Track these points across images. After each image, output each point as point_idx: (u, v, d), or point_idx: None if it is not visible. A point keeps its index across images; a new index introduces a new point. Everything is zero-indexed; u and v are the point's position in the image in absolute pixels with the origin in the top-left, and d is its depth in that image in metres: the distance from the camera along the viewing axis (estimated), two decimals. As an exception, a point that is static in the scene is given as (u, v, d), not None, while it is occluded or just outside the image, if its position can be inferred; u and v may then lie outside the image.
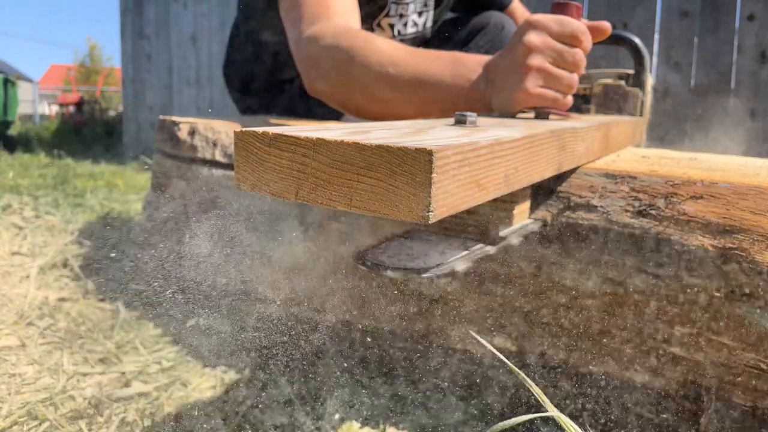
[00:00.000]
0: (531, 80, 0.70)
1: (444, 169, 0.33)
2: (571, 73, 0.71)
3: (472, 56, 0.82)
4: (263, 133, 0.37)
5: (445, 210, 0.34)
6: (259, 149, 0.37)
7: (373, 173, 0.33)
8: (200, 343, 0.89)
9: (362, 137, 0.35)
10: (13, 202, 1.70)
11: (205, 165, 1.01)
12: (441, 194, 0.33)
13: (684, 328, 0.58)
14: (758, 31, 2.20)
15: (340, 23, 0.90)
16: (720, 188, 0.58)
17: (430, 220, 0.32)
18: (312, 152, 0.35)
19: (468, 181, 0.36)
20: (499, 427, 0.44)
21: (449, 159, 0.33)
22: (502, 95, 0.73)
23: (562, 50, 0.70)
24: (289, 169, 0.36)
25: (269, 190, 0.37)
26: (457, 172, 0.35)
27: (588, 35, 0.72)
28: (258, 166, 0.38)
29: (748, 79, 2.23)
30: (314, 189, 0.35)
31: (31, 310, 0.97)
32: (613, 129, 0.76)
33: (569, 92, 0.72)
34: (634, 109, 0.98)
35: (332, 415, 0.69)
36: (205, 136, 1.02)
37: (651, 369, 0.61)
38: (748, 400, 0.55)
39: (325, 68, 0.88)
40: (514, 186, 0.44)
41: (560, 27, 0.71)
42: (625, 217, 0.60)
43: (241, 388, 0.76)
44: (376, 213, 0.34)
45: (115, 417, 0.69)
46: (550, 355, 0.66)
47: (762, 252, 0.53)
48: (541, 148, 0.49)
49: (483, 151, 0.38)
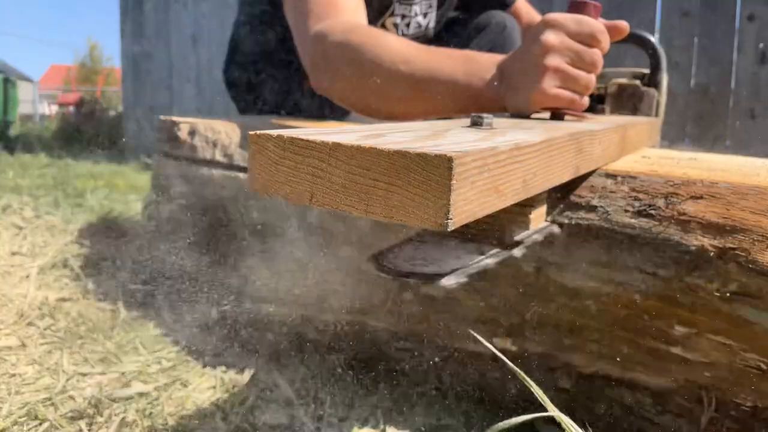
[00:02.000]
0: (548, 81, 0.68)
1: (463, 176, 0.32)
2: (588, 74, 0.70)
3: (486, 55, 0.80)
4: (278, 137, 0.36)
5: (465, 217, 0.33)
6: (273, 152, 0.36)
7: (391, 179, 0.33)
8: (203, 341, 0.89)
9: (378, 141, 0.34)
10: (13, 202, 1.70)
11: (205, 165, 1.01)
12: (460, 201, 0.32)
13: (684, 328, 0.57)
14: (758, 31, 2.20)
15: (349, 20, 0.89)
16: (720, 188, 0.58)
17: (449, 227, 0.32)
18: (327, 156, 0.34)
19: (487, 187, 0.36)
20: (499, 427, 0.44)
21: (469, 165, 0.33)
22: (518, 95, 0.72)
23: (580, 50, 0.69)
24: (303, 173, 0.35)
25: (283, 195, 0.37)
26: (477, 178, 0.34)
27: (606, 35, 0.71)
28: (272, 169, 0.37)
29: (748, 79, 2.23)
30: (329, 194, 0.35)
31: (31, 310, 0.97)
32: (630, 130, 0.75)
33: (586, 93, 0.71)
34: (649, 110, 0.96)
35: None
36: (205, 136, 1.02)
37: (650, 369, 0.61)
38: (748, 401, 0.55)
39: (333, 65, 0.86)
40: (532, 191, 0.43)
41: (578, 26, 0.69)
42: (625, 217, 0.60)
43: (242, 388, 0.76)
44: (394, 219, 0.33)
45: (115, 417, 0.69)
46: (548, 354, 0.66)
47: (762, 252, 0.53)
48: (559, 152, 0.48)
49: (502, 156, 0.37)
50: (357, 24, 0.88)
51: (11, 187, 2.07)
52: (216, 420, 0.69)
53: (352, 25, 0.87)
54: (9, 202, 1.69)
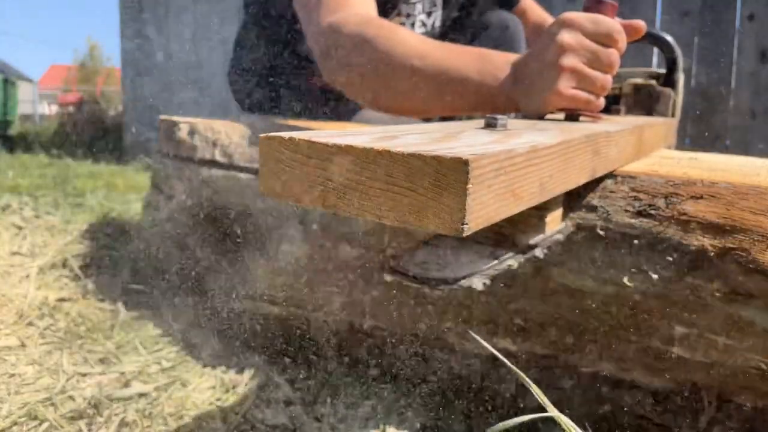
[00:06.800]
0: (563, 81, 0.67)
1: (480, 179, 0.31)
2: (605, 75, 0.69)
3: (500, 53, 0.79)
4: (289, 139, 0.35)
5: (481, 222, 0.32)
6: (284, 155, 0.36)
7: (405, 182, 0.32)
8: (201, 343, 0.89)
9: (391, 143, 0.34)
10: (12, 202, 1.70)
11: (205, 165, 1.01)
12: (476, 205, 0.31)
13: (684, 328, 0.57)
14: (758, 31, 2.20)
15: (362, 12, 0.88)
16: (720, 188, 0.58)
17: (464, 233, 0.31)
18: (340, 159, 0.34)
19: (503, 190, 0.34)
20: (500, 427, 0.44)
21: (485, 168, 0.32)
22: (532, 96, 0.71)
23: (596, 50, 0.68)
24: (315, 176, 0.35)
25: (295, 198, 0.36)
26: (493, 181, 0.33)
27: (624, 35, 0.70)
28: (283, 172, 0.36)
29: (748, 79, 2.23)
30: (342, 197, 0.34)
31: (31, 310, 0.97)
32: (646, 131, 0.74)
33: (602, 94, 0.70)
34: (665, 110, 0.95)
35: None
36: (204, 136, 1.02)
37: (650, 369, 0.61)
38: (748, 401, 0.55)
39: (346, 57, 0.84)
40: (548, 194, 0.42)
41: (595, 26, 0.68)
42: (625, 217, 0.60)
43: (241, 387, 0.76)
44: (408, 224, 0.32)
45: (115, 417, 0.69)
46: (544, 352, 0.66)
47: (762, 252, 0.53)
48: (575, 155, 0.47)
49: (519, 159, 0.36)
50: (371, 16, 0.87)
51: (11, 187, 2.07)
52: (216, 420, 0.69)
53: (367, 17, 0.86)
54: (9, 202, 1.69)
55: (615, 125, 0.63)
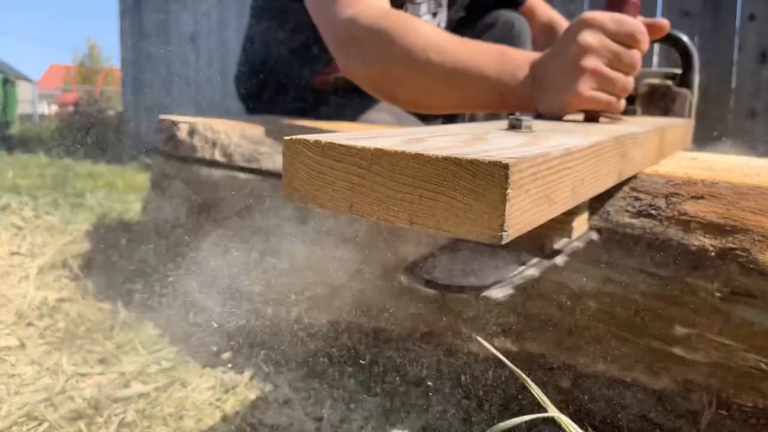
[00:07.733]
0: (584, 83, 0.66)
1: (518, 184, 0.29)
2: (626, 76, 0.67)
3: (520, 52, 0.78)
4: (315, 142, 0.34)
5: (519, 228, 0.31)
6: (309, 158, 0.35)
7: (438, 187, 0.30)
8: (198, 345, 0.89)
9: (423, 146, 0.32)
10: (12, 202, 1.70)
11: (205, 165, 1.01)
12: (515, 212, 0.30)
13: (684, 328, 0.57)
14: (758, 31, 2.20)
15: (380, 5, 0.88)
16: (721, 188, 0.58)
17: (503, 240, 0.29)
18: (369, 163, 0.32)
19: (539, 195, 0.33)
20: (499, 427, 0.43)
21: (524, 173, 0.30)
22: (552, 97, 0.69)
23: (618, 51, 0.66)
24: (342, 181, 0.33)
25: (320, 203, 0.35)
26: (530, 186, 0.31)
27: (646, 35, 0.68)
28: (308, 177, 0.35)
29: (748, 79, 2.23)
30: (371, 203, 0.33)
31: (31, 310, 0.97)
32: (668, 133, 0.73)
33: (623, 95, 0.68)
34: (682, 111, 0.93)
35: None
36: (204, 136, 1.02)
37: (651, 369, 0.60)
38: (748, 401, 0.55)
39: (364, 49, 0.84)
40: (580, 198, 0.41)
41: (617, 26, 0.66)
42: (626, 217, 0.60)
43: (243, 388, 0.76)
44: (441, 231, 0.31)
45: (115, 417, 0.69)
46: (543, 352, 0.66)
47: (763, 252, 0.53)
48: (605, 157, 0.46)
49: (554, 163, 0.35)
50: (388, 9, 0.86)
51: (10, 187, 2.07)
52: (216, 420, 0.69)
53: (385, 10, 0.85)
54: (8, 202, 1.69)
55: (639, 126, 0.61)
